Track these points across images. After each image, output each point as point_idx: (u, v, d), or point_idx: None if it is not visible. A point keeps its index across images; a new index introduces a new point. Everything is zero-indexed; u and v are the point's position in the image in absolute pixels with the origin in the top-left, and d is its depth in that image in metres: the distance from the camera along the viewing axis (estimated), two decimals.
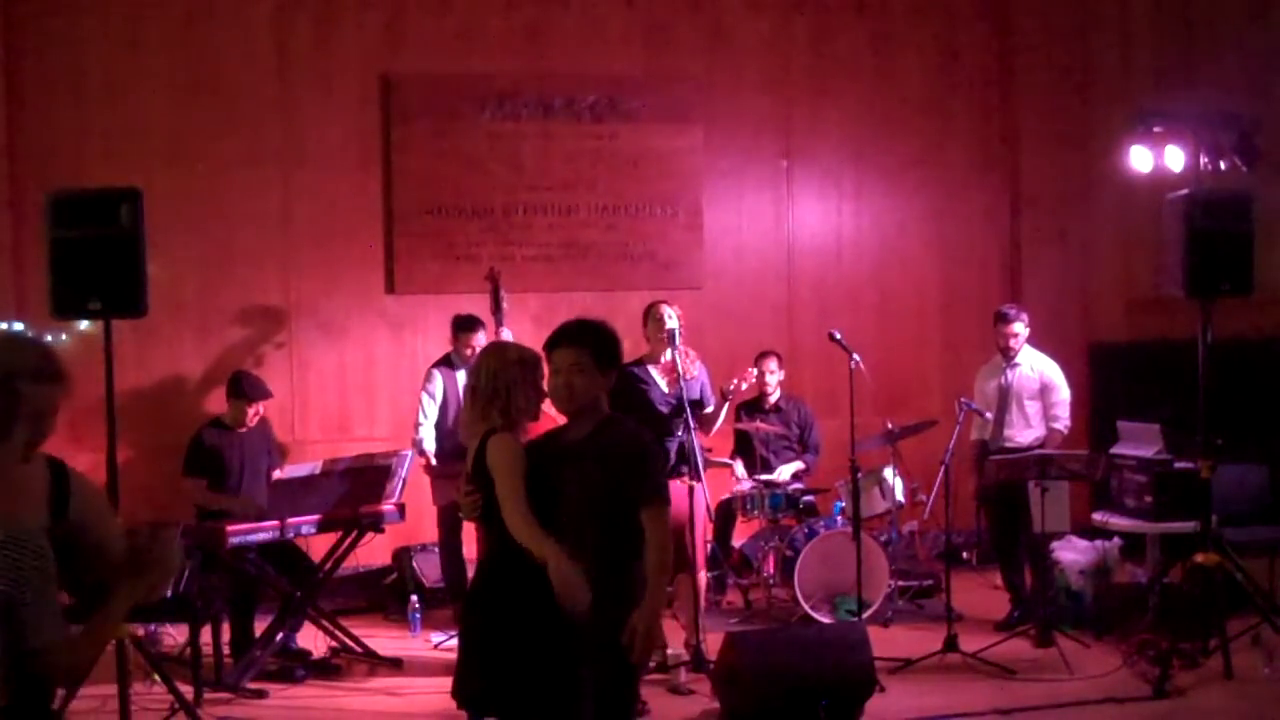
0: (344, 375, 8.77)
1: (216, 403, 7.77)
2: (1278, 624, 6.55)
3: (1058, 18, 9.62)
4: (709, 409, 6.74)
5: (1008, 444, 7.48)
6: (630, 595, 3.77)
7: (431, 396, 7.54)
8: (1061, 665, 6.50)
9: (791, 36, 9.39)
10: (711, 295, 9.13)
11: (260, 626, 6.86)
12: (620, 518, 3.80)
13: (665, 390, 6.53)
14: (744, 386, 7.13)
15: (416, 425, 7.54)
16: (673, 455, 6.44)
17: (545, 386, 4.02)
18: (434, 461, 7.42)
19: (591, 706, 3.83)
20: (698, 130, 9.20)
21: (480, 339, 7.44)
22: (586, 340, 3.92)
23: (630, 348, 4.85)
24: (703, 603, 6.67)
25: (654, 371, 6.60)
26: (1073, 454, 7.28)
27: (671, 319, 6.47)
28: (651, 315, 6.63)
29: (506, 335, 7.44)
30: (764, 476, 7.87)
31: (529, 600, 3.76)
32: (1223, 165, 7.42)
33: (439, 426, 7.50)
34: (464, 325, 7.56)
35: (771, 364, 8.18)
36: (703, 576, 6.68)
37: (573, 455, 3.89)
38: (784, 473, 7.98)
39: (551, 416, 4.20)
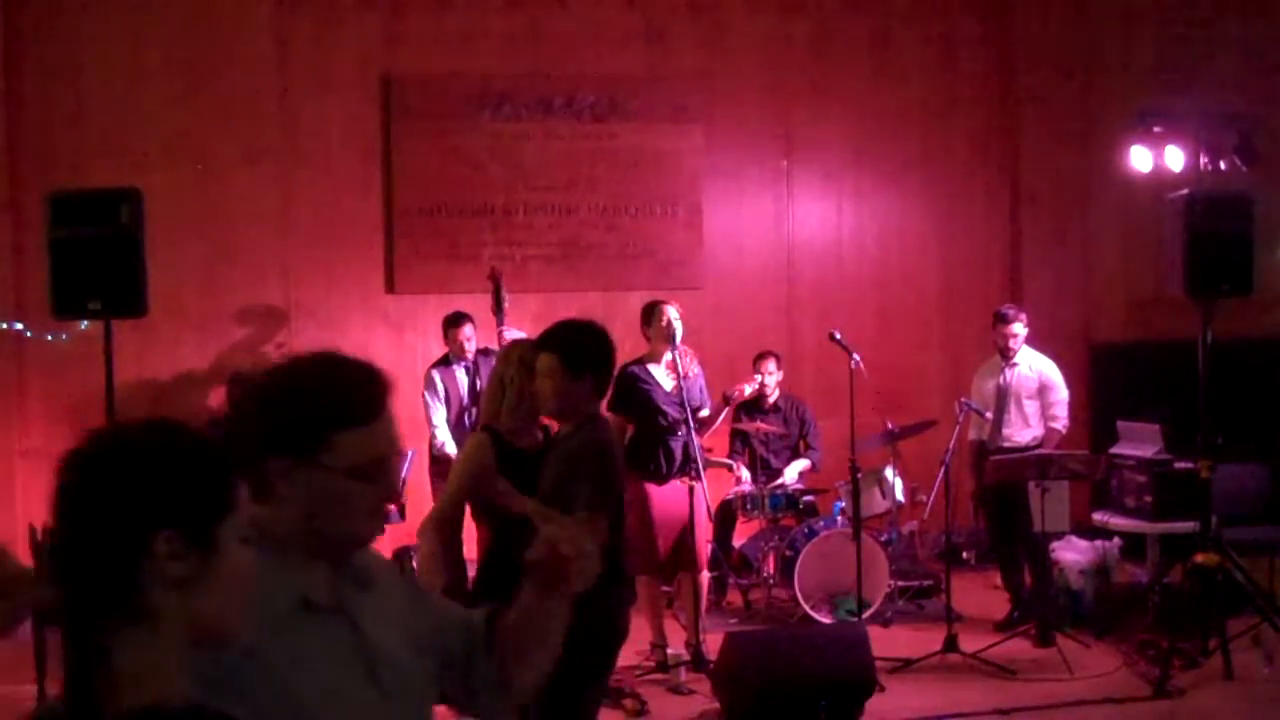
0: None
1: (216, 403, 7.77)
2: (1278, 624, 6.56)
3: (1058, 18, 9.62)
4: (705, 411, 6.74)
5: (1006, 444, 7.47)
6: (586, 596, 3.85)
7: (437, 397, 7.54)
8: (1061, 665, 6.49)
9: (791, 36, 9.37)
10: (711, 295, 9.11)
11: None
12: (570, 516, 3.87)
13: (668, 389, 6.53)
14: (748, 391, 7.12)
15: (433, 431, 7.51)
16: (677, 454, 6.46)
17: None
18: None
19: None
20: (698, 130, 9.19)
21: (468, 330, 7.55)
22: (554, 346, 3.98)
23: (630, 348, 4.86)
24: (703, 603, 6.67)
25: (655, 370, 6.60)
26: (1073, 454, 7.28)
27: (675, 320, 6.47)
28: (654, 315, 6.62)
29: (513, 334, 7.44)
30: (773, 484, 7.81)
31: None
32: (1223, 165, 7.42)
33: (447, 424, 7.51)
34: (451, 321, 7.68)
35: (770, 364, 8.16)
36: (704, 577, 6.68)
37: (550, 451, 4.07)
38: (790, 473, 7.97)
39: None
